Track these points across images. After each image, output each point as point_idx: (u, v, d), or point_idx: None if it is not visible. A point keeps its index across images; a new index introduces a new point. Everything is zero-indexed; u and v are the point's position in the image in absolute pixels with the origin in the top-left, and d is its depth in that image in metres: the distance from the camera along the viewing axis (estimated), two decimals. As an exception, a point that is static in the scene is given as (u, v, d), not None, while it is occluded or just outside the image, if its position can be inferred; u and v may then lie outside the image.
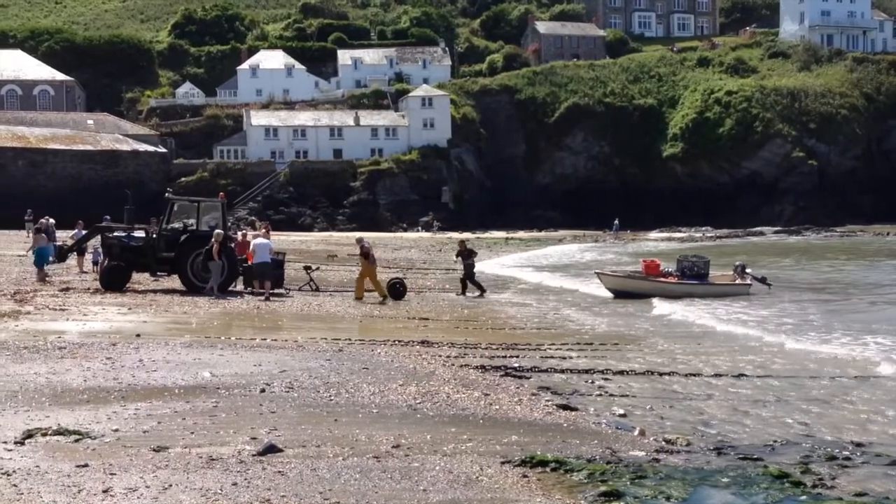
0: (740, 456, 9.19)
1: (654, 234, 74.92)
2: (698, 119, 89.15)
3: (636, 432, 10.11)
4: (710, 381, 13.32)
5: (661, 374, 13.76)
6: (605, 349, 16.29)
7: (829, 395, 12.35)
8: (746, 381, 13.39)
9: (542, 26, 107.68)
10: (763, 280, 27.77)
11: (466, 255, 26.55)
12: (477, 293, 25.93)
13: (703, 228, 77.85)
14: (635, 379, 13.42)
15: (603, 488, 7.78)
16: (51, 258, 27.19)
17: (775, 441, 9.91)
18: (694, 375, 13.76)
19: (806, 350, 16.43)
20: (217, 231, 23.54)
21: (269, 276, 23.70)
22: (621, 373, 13.81)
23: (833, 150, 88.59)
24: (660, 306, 24.10)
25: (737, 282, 27.47)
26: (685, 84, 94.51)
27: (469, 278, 26.25)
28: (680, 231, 76.89)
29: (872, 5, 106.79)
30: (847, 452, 9.40)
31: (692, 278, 27.10)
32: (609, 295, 26.82)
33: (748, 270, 28.01)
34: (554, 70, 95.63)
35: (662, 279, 27.40)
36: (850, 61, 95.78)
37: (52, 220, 33.04)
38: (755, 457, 9.14)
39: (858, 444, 9.72)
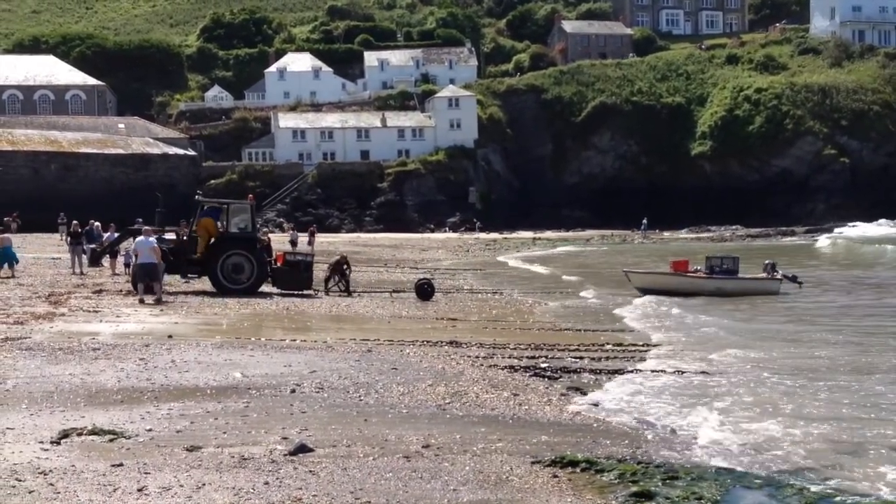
0: (774, 455, 9.10)
1: (683, 234, 74.37)
2: (728, 117, 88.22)
3: (667, 432, 10.05)
4: (741, 380, 13.20)
5: (692, 374, 13.66)
6: (634, 350, 16.20)
7: (863, 396, 12.20)
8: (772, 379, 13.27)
9: (569, 25, 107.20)
10: (794, 278, 27.51)
11: (338, 265, 26.49)
12: (322, 291, 25.60)
13: (733, 227, 77.02)
14: (665, 379, 13.33)
15: (634, 489, 7.74)
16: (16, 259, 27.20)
17: (809, 440, 9.79)
18: (724, 374, 13.65)
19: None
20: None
21: (153, 278, 21.42)
22: (652, 373, 13.72)
23: (865, 147, 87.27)
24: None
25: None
26: (714, 82, 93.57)
27: (328, 280, 26.24)
28: (710, 230, 76.20)
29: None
30: (883, 452, 9.28)
31: (722, 274, 26.98)
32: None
33: (778, 269, 27.80)
34: (581, 69, 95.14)
35: (692, 274, 27.34)
36: (882, 57, 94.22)
37: (97, 224, 34.12)
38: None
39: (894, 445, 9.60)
